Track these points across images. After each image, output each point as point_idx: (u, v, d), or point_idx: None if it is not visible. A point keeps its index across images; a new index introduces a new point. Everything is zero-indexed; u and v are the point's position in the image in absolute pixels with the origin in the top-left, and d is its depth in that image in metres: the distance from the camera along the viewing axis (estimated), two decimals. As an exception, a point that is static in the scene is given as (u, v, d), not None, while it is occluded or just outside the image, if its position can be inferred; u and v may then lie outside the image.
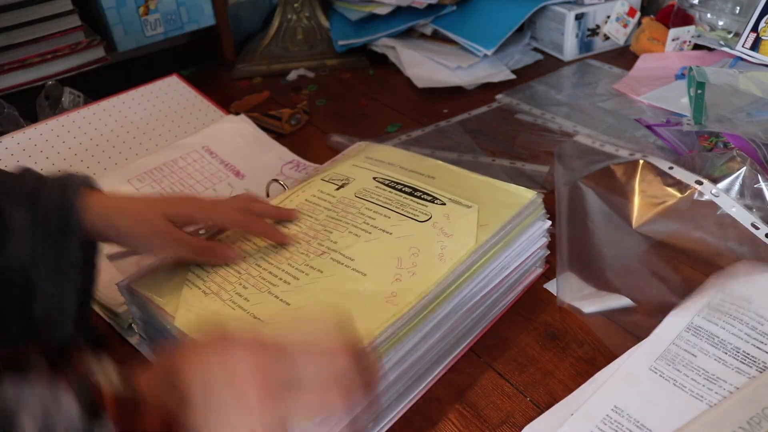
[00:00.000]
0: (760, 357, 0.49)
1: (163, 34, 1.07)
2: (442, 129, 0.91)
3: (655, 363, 0.50)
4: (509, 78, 1.03)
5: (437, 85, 1.01)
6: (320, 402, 0.38)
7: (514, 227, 0.57)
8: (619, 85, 0.98)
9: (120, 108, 0.86)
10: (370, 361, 0.39)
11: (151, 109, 0.88)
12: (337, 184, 0.64)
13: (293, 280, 0.52)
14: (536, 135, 0.88)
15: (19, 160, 0.77)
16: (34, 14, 0.90)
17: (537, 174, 0.78)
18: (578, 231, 0.66)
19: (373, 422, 0.49)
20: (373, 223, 0.57)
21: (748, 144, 0.70)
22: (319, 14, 1.18)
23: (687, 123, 0.80)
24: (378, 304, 0.49)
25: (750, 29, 0.91)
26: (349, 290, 0.51)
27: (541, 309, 0.60)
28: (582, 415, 0.48)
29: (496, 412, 0.51)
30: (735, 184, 0.64)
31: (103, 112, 0.85)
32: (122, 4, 1.01)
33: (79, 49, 0.95)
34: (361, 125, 0.95)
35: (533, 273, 0.63)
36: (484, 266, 0.54)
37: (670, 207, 0.66)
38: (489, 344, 0.57)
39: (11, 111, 0.86)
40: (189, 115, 0.89)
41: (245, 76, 1.12)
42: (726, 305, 0.53)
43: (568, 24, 1.06)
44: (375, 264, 0.53)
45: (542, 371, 0.54)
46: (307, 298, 0.50)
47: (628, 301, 0.59)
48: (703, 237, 0.64)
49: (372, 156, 0.68)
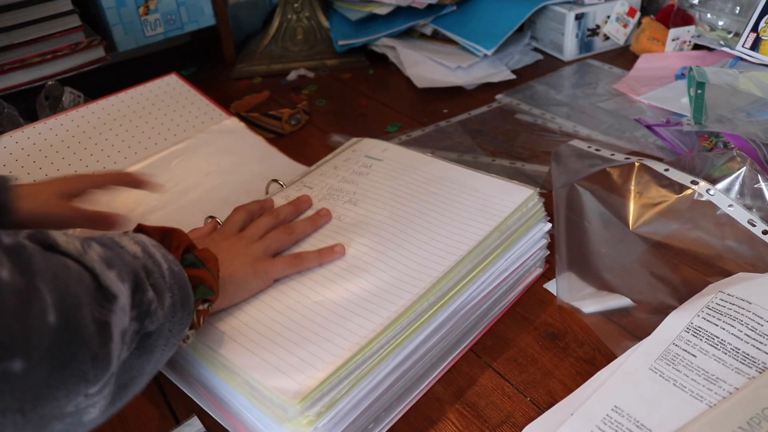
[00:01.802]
0: (759, 357, 0.48)
1: (163, 34, 1.07)
2: (442, 129, 0.91)
3: (655, 363, 0.50)
4: (509, 78, 1.03)
5: (437, 85, 1.01)
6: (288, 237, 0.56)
7: (515, 229, 0.57)
8: (619, 85, 0.98)
9: (119, 107, 0.86)
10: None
11: (150, 108, 0.88)
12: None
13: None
14: (536, 135, 0.88)
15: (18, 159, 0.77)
16: (34, 14, 0.90)
17: (537, 174, 0.78)
18: (577, 232, 0.66)
19: (373, 422, 0.49)
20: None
21: (748, 144, 0.70)
22: (319, 14, 1.18)
23: (687, 123, 0.80)
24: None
25: (750, 29, 0.91)
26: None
27: (541, 309, 0.60)
28: (582, 415, 0.48)
29: (496, 412, 0.51)
30: (735, 184, 0.64)
31: (102, 111, 0.85)
32: (122, 4, 1.01)
33: (79, 49, 0.95)
34: (361, 125, 0.95)
35: (533, 273, 0.63)
36: (486, 269, 0.55)
37: (667, 208, 0.66)
38: (489, 344, 0.57)
39: (11, 111, 0.85)
40: (188, 114, 0.89)
41: (245, 76, 1.12)
42: (725, 306, 0.53)
43: (568, 24, 1.06)
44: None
45: (542, 371, 0.54)
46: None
47: (628, 301, 0.59)
48: (701, 237, 0.64)
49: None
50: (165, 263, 0.41)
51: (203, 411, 0.51)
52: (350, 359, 0.45)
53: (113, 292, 0.35)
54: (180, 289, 0.41)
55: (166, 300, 0.40)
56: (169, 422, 0.52)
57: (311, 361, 0.45)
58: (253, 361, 0.46)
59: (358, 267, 0.54)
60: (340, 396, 0.44)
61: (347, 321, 0.48)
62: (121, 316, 0.35)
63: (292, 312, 0.50)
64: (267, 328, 0.49)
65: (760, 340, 0.50)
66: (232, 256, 0.52)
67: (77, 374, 0.32)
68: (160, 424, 0.52)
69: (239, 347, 0.48)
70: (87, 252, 0.36)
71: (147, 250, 0.41)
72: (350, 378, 0.45)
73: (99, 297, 0.34)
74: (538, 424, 0.49)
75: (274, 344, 0.47)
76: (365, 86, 1.07)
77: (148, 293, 0.38)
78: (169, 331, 0.40)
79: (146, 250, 0.41)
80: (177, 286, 0.41)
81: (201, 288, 0.44)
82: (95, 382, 0.34)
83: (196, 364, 0.49)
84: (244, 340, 0.48)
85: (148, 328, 0.38)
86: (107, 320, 0.34)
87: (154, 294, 0.39)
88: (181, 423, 0.51)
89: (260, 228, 0.57)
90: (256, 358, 0.46)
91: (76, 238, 0.37)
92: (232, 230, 0.57)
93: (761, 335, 0.50)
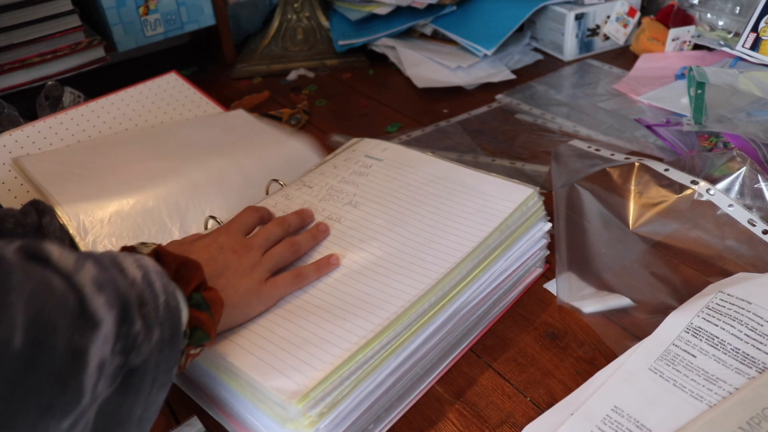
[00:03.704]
0: (759, 358, 0.49)
1: (163, 34, 1.07)
2: (442, 129, 0.91)
3: (655, 363, 0.50)
4: (509, 78, 1.03)
5: (437, 85, 1.01)
6: (291, 251, 0.55)
7: (515, 229, 0.57)
8: (619, 85, 0.98)
9: (119, 105, 0.86)
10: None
11: (149, 106, 0.88)
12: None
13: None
14: (536, 135, 0.88)
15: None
16: (34, 14, 0.90)
17: (537, 174, 0.78)
18: (577, 232, 0.66)
19: (374, 422, 0.49)
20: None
21: (748, 144, 0.70)
22: (319, 14, 1.18)
23: (687, 123, 0.80)
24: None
25: (750, 29, 0.91)
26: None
27: (541, 309, 0.60)
28: (582, 415, 0.48)
29: (496, 412, 0.51)
30: (735, 184, 0.64)
31: (102, 110, 0.85)
32: (122, 4, 1.01)
33: (79, 49, 0.95)
34: (361, 125, 0.95)
35: (533, 273, 0.63)
36: (486, 269, 0.55)
37: (667, 208, 0.66)
38: (489, 344, 0.57)
39: (11, 111, 0.85)
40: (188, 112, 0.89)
41: (245, 76, 1.12)
42: (725, 306, 0.53)
43: (568, 24, 1.06)
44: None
45: (542, 371, 0.54)
46: None
47: (628, 301, 0.59)
48: (701, 237, 0.64)
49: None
50: (163, 295, 0.39)
51: (203, 411, 0.51)
52: (349, 360, 0.45)
53: (97, 318, 0.33)
54: (171, 326, 0.39)
55: (154, 334, 0.37)
56: (169, 422, 0.52)
57: (310, 361, 0.45)
58: (252, 361, 0.46)
59: (357, 269, 0.54)
60: (342, 397, 0.44)
61: (347, 322, 0.48)
62: (102, 345, 0.33)
63: (291, 314, 0.50)
64: (267, 330, 0.49)
65: (760, 340, 0.50)
66: (239, 277, 0.50)
67: (42, 404, 0.29)
68: (160, 424, 0.52)
69: (239, 348, 0.48)
70: (79, 271, 0.33)
71: (147, 278, 0.39)
72: (352, 379, 0.45)
73: (81, 322, 0.32)
74: (538, 424, 0.49)
75: (273, 345, 0.47)
76: (365, 86, 1.07)
77: (136, 325, 0.35)
78: (156, 367, 0.38)
79: (147, 277, 0.39)
80: (169, 322, 0.39)
81: (198, 333, 0.43)
82: (65, 414, 0.31)
83: (197, 365, 0.49)
84: (243, 342, 0.48)
85: (133, 362, 0.36)
86: (84, 348, 0.32)
87: (143, 326, 0.36)
88: (181, 423, 0.51)
89: (268, 240, 0.55)
90: (256, 359, 0.46)
91: (72, 253, 0.34)
92: (239, 230, 0.55)
93: (761, 335, 0.50)
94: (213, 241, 0.52)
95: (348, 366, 0.45)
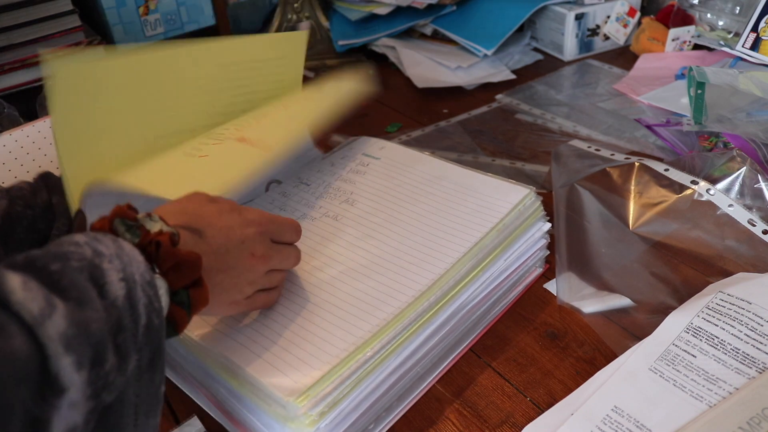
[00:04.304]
0: (759, 358, 0.49)
1: (163, 34, 1.07)
2: (442, 129, 0.91)
3: (655, 363, 0.50)
4: (509, 78, 1.03)
5: (437, 85, 1.01)
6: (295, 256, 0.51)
7: (514, 229, 0.57)
8: (619, 85, 0.98)
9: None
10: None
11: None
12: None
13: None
14: (536, 135, 0.88)
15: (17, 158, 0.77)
16: (34, 14, 0.90)
17: (537, 174, 0.78)
18: (577, 232, 0.66)
19: (374, 422, 0.49)
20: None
21: (748, 144, 0.70)
22: (319, 14, 1.18)
23: (687, 123, 0.80)
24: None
25: (750, 29, 0.91)
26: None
27: (541, 309, 0.60)
28: (582, 415, 0.48)
29: (496, 412, 0.51)
30: (735, 184, 0.64)
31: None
32: (122, 4, 1.01)
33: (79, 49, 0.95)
34: (361, 125, 0.95)
35: (533, 273, 0.63)
36: (486, 269, 0.55)
37: (667, 208, 0.66)
38: (489, 344, 0.57)
39: (11, 111, 0.85)
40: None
41: (245, 76, 1.12)
42: (725, 306, 0.53)
43: (568, 24, 1.06)
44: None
45: (542, 371, 0.54)
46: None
47: (628, 301, 0.59)
48: (701, 237, 0.64)
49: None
50: (145, 317, 0.34)
51: (203, 411, 0.51)
52: (348, 359, 0.45)
53: (62, 384, 0.28)
54: (151, 350, 0.34)
55: (130, 364, 0.33)
56: (169, 422, 0.52)
57: (309, 360, 0.45)
58: (250, 359, 0.46)
59: (355, 269, 0.54)
60: (343, 396, 0.44)
61: (345, 321, 0.48)
62: (68, 413, 0.28)
63: (291, 312, 0.50)
64: (266, 327, 0.49)
65: (760, 340, 0.50)
66: (234, 284, 0.46)
67: None
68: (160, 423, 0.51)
69: (238, 346, 0.48)
70: (45, 321, 0.28)
71: (131, 297, 0.33)
72: (352, 378, 0.45)
73: (42, 387, 0.27)
74: (538, 424, 0.49)
75: (272, 343, 0.47)
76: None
77: (107, 363, 0.31)
78: (136, 396, 0.34)
79: (131, 295, 0.33)
80: (149, 346, 0.34)
81: (168, 329, 0.38)
82: None
83: (197, 364, 0.49)
84: (242, 339, 0.48)
85: (106, 400, 0.31)
86: (46, 417, 0.28)
87: (116, 360, 0.31)
88: (181, 423, 0.51)
89: (282, 265, 0.50)
90: (254, 357, 0.46)
91: (41, 289, 0.29)
92: (272, 234, 0.49)
93: (761, 335, 0.50)
94: (239, 229, 0.46)
95: (348, 365, 0.45)
